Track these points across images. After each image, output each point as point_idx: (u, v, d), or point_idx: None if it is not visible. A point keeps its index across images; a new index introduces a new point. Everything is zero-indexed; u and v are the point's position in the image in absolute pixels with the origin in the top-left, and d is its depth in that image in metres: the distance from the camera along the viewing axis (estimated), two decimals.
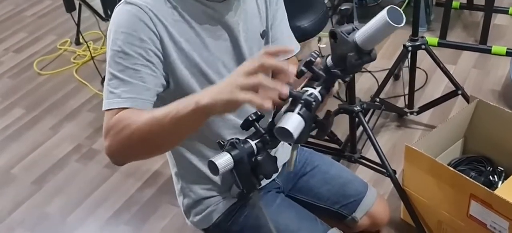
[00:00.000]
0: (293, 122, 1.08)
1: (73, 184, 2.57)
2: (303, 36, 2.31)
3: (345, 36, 1.09)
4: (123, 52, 1.26)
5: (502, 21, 3.36)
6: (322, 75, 1.15)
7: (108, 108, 1.27)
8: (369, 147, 2.22)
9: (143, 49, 1.27)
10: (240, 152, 1.21)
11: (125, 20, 1.28)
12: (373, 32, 1.06)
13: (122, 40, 1.26)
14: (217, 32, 1.40)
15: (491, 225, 1.70)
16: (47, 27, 4.05)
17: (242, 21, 1.44)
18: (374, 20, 1.05)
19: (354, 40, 1.09)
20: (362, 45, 1.08)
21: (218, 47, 1.41)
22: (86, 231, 2.31)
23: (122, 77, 1.27)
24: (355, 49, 1.09)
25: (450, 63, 2.98)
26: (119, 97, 1.26)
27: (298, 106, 1.10)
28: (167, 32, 1.31)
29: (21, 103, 3.21)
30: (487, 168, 2.09)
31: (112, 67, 1.28)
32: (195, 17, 1.35)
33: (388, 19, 1.02)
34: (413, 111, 2.62)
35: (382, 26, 1.04)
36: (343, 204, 1.82)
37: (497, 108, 1.99)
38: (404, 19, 1.05)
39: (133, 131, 1.20)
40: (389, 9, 1.03)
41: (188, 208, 1.67)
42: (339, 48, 1.11)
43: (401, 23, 1.04)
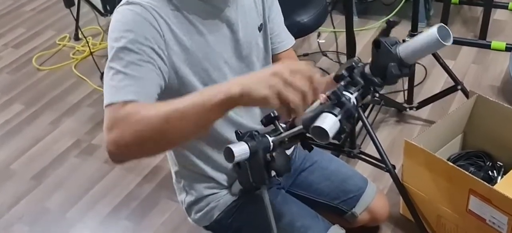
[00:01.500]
0: (332, 124, 1.09)
1: (73, 179, 2.57)
2: (302, 31, 2.31)
3: (389, 47, 1.12)
4: (127, 49, 1.24)
5: (501, 16, 3.35)
6: (360, 81, 1.17)
7: (111, 102, 1.20)
8: (369, 142, 2.22)
9: (147, 47, 1.26)
10: (257, 145, 1.23)
11: (129, 20, 1.27)
12: (420, 47, 1.09)
13: (126, 38, 1.25)
14: (217, 28, 1.40)
15: (490, 220, 1.70)
16: (46, 22, 4.05)
17: (240, 15, 1.44)
18: (422, 36, 1.08)
19: (398, 52, 1.11)
20: (405, 59, 1.11)
21: (219, 43, 1.41)
22: (85, 226, 2.32)
23: (126, 71, 1.24)
24: (397, 61, 1.12)
25: (450, 58, 2.98)
26: (122, 89, 1.22)
27: (337, 109, 1.10)
28: (171, 31, 1.31)
29: (20, 98, 3.21)
30: (486, 163, 2.09)
31: (115, 63, 1.25)
32: (196, 14, 1.35)
33: (438, 37, 1.05)
34: (412, 107, 2.62)
35: (430, 42, 1.07)
36: (342, 200, 1.82)
37: (496, 104, 1.99)
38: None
39: (149, 122, 1.12)
40: (439, 27, 1.06)
41: (190, 206, 1.67)
42: (381, 58, 1.13)
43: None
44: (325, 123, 1.08)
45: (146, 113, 1.13)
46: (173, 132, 1.12)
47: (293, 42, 1.67)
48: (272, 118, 1.28)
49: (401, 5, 3.23)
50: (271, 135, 1.28)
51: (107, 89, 1.24)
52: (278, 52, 1.62)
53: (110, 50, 1.27)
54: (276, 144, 1.26)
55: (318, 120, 1.10)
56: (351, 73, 1.17)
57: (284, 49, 1.63)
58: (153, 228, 2.25)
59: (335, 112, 1.10)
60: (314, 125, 1.09)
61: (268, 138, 1.26)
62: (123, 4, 1.30)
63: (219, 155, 1.56)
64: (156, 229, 2.25)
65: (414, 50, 1.10)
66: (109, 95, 1.22)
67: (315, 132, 1.09)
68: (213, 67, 1.41)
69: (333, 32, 3.22)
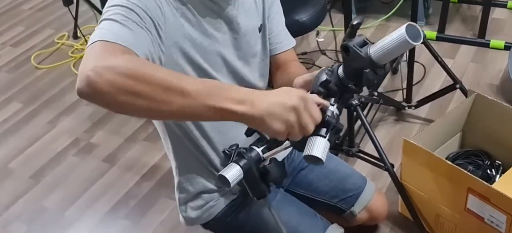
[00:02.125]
0: (323, 148, 1.06)
1: (71, 178, 2.56)
2: (301, 30, 2.31)
3: (358, 51, 1.07)
4: (128, 8, 1.13)
5: (500, 15, 3.36)
6: (336, 90, 1.14)
7: (104, 39, 1.04)
8: (367, 141, 2.22)
9: (146, 16, 1.17)
10: (248, 162, 1.22)
11: None
12: (390, 48, 1.04)
13: (126, 2, 1.14)
14: (218, 26, 1.40)
15: (489, 218, 1.70)
16: (44, 21, 4.04)
17: (240, 14, 1.44)
18: (391, 36, 1.04)
19: (369, 54, 1.07)
20: (377, 60, 1.07)
21: (218, 40, 1.41)
22: (84, 225, 2.31)
23: (124, 24, 1.11)
24: (369, 64, 1.07)
25: (448, 57, 2.98)
26: (121, 37, 1.07)
27: (323, 130, 1.07)
28: (173, 14, 1.28)
29: (19, 97, 3.21)
30: (485, 162, 2.10)
31: (113, 17, 1.11)
32: (197, 8, 1.34)
33: (406, 37, 1.01)
34: (411, 105, 2.62)
35: (400, 42, 1.03)
36: (341, 198, 1.82)
37: (495, 102, 1.99)
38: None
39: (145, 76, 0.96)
40: (408, 26, 1.02)
41: (185, 202, 1.66)
42: (353, 62, 1.09)
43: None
44: (316, 150, 1.05)
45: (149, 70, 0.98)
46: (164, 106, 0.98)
47: (293, 44, 1.65)
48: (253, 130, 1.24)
49: (400, 3, 3.23)
50: (259, 145, 1.27)
51: (97, 32, 1.07)
52: (277, 53, 1.61)
53: (106, 9, 1.15)
54: (265, 152, 1.25)
55: (308, 147, 1.07)
56: (327, 86, 1.14)
57: (283, 50, 1.61)
58: (152, 227, 2.25)
59: (323, 134, 1.07)
60: (306, 154, 1.06)
61: (257, 149, 1.25)
62: None
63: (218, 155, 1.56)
64: (155, 227, 2.25)
65: (385, 51, 1.05)
66: (101, 35, 1.06)
67: (308, 160, 1.07)
68: (205, 59, 1.39)
69: (332, 31, 3.22)
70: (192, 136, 1.50)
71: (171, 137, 1.54)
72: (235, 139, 1.34)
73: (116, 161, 2.62)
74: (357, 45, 1.08)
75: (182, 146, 1.54)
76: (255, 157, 1.24)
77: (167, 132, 1.53)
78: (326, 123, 1.08)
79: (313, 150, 1.05)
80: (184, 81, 0.98)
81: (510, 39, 3.04)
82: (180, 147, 1.55)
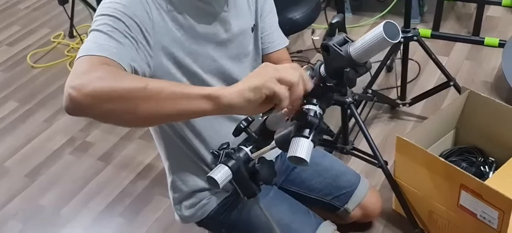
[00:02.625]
0: (307, 149, 1.06)
1: (67, 176, 2.57)
2: (294, 28, 2.31)
3: (338, 49, 1.06)
4: (115, 17, 1.17)
5: (494, 13, 3.36)
6: (319, 91, 1.13)
7: (90, 54, 1.09)
8: (361, 138, 2.23)
9: (134, 23, 1.20)
10: (237, 162, 1.22)
11: None
12: (369, 46, 1.04)
13: (114, 8, 1.18)
14: (210, 27, 1.40)
15: (481, 215, 1.71)
16: (40, 20, 4.05)
17: (233, 15, 1.44)
18: (370, 35, 1.03)
19: (349, 53, 1.06)
20: (357, 59, 1.06)
21: (210, 40, 1.41)
22: (79, 223, 2.32)
23: (111, 35, 1.15)
24: (350, 63, 1.07)
25: (443, 55, 2.99)
26: (106, 49, 1.12)
27: (306, 131, 1.07)
28: (162, 19, 1.29)
29: (15, 96, 3.21)
30: (478, 159, 2.10)
31: (100, 27, 1.16)
32: (190, 11, 1.34)
33: (384, 35, 1.00)
34: (405, 103, 2.62)
35: (378, 41, 1.02)
36: (335, 196, 1.83)
37: (488, 99, 2.00)
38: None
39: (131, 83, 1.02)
40: (385, 24, 1.01)
41: (179, 201, 1.67)
42: (334, 61, 1.08)
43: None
44: (300, 151, 1.05)
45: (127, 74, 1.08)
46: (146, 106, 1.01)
47: (286, 44, 1.65)
48: (242, 129, 1.27)
49: (395, 1, 3.24)
50: (247, 145, 1.27)
51: (85, 45, 1.13)
52: (269, 52, 1.61)
53: (96, 18, 1.19)
54: (254, 151, 1.26)
55: (292, 148, 1.07)
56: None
57: (275, 50, 1.61)
58: (147, 225, 2.26)
59: (306, 134, 1.07)
60: (290, 155, 1.06)
61: (245, 149, 1.26)
62: None
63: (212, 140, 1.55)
64: (150, 225, 2.25)
65: (364, 50, 1.04)
66: (87, 49, 1.11)
67: (293, 161, 1.07)
68: (196, 63, 1.40)
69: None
70: (184, 135, 1.50)
71: (163, 137, 1.55)
72: (227, 137, 1.35)
73: (112, 160, 2.62)
74: (337, 44, 1.07)
75: (174, 146, 1.55)
76: (243, 157, 1.25)
77: (160, 131, 1.54)
78: (309, 123, 1.08)
79: (297, 151, 1.05)
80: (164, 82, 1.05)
81: (504, 36, 3.04)
82: (173, 146, 1.56)
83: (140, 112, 1.01)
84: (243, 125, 1.28)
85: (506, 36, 3.03)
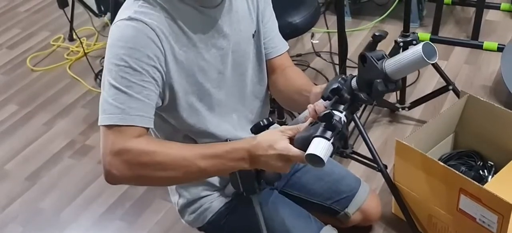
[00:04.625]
0: (326, 150, 1.09)
1: (67, 179, 2.57)
2: (294, 32, 2.31)
3: (375, 62, 1.09)
4: (131, 67, 1.24)
5: (493, 17, 3.37)
6: (347, 98, 1.16)
7: (117, 123, 1.23)
8: (361, 142, 2.24)
9: (149, 66, 1.26)
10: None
11: (131, 36, 1.25)
12: (406, 64, 1.06)
13: (128, 56, 1.24)
14: (212, 39, 1.40)
15: (480, 219, 1.72)
16: (40, 23, 4.04)
17: (235, 23, 1.44)
18: (408, 53, 1.06)
19: (384, 68, 1.09)
20: (391, 75, 1.09)
21: (214, 53, 1.41)
22: (79, 226, 2.32)
23: (130, 93, 1.24)
24: (383, 77, 1.09)
25: (442, 59, 3.00)
26: (128, 114, 1.24)
27: (329, 133, 1.10)
28: (170, 47, 1.31)
29: (15, 99, 3.21)
30: (477, 163, 2.11)
31: (118, 81, 1.24)
32: (192, 26, 1.35)
33: (423, 55, 1.03)
34: (404, 107, 2.63)
35: (416, 60, 1.05)
36: (335, 200, 1.83)
37: (487, 103, 2.01)
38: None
39: (157, 164, 1.22)
40: (424, 44, 1.04)
41: (183, 208, 1.68)
42: (367, 73, 1.11)
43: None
44: (319, 151, 1.08)
45: (158, 154, 1.23)
46: (179, 178, 1.30)
47: (287, 48, 1.66)
48: (261, 127, 1.30)
49: (394, 5, 3.25)
50: None
51: (106, 106, 1.24)
52: (272, 57, 1.61)
53: (111, 65, 1.25)
54: None
55: (312, 146, 1.10)
56: (338, 93, 1.16)
57: (277, 55, 1.61)
58: (147, 228, 2.26)
59: (328, 136, 1.10)
60: (308, 152, 1.09)
61: None
62: (123, 19, 1.28)
63: None
64: (150, 229, 2.26)
65: (400, 67, 1.08)
66: (111, 115, 1.23)
67: (309, 159, 1.10)
68: (207, 79, 1.42)
69: (327, 33, 3.23)
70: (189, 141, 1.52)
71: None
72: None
73: None
74: (375, 58, 1.10)
75: None
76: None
77: (163, 136, 1.55)
78: (333, 126, 1.10)
79: (316, 150, 1.09)
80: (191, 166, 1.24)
81: (503, 40, 3.06)
82: None
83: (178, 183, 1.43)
84: (263, 124, 1.31)
85: (505, 40, 3.05)
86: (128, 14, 1.27)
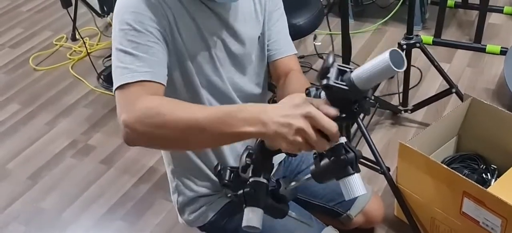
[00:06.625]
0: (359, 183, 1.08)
1: (68, 179, 2.57)
2: (298, 34, 2.32)
3: (342, 85, 1.03)
4: (135, 29, 1.25)
5: (496, 20, 3.37)
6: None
7: (124, 82, 1.22)
8: (364, 144, 2.23)
9: (154, 28, 1.27)
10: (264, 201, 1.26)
11: (135, 2, 1.27)
12: (373, 74, 1.00)
13: (133, 20, 1.25)
14: (218, 33, 1.40)
15: (484, 222, 1.72)
16: (43, 22, 4.05)
17: (240, 23, 1.44)
18: (374, 62, 1.00)
19: (352, 82, 1.02)
20: (360, 87, 1.03)
21: (218, 47, 1.41)
22: (81, 226, 2.32)
23: (137, 53, 1.24)
24: (356, 94, 1.04)
25: (445, 62, 3.00)
26: (136, 71, 1.23)
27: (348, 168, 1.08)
28: (174, 20, 1.31)
29: (17, 98, 3.21)
30: (481, 166, 2.11)
31: (124, 45, 1.25)
32: (199, 15, 1.36)
33: (390, 63, 0.97)
34: (407, 109, 2.63)
35: (383, 69, 0.99)
36: (338, 202, 1.83)
37: (490, 106, 2.01)
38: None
39: (166, 123, 1.13)
40: (391, 52, 0.98)
41: (183, 206, 1.67)
42: (339, 97, 1.05)
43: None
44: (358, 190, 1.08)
45: (166, 117, 1.14)
46: (189, 142, 1.17)
47: (294, 51, 1.62)
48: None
49: (397, 8, 3.25)
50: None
51: (117, 71, 1.24)
52: (276, 58, 1.58)
53: (117, 32, 1.27)
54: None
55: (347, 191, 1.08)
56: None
57: (282, 56, 1.58)
58: (149, 229, 2.26)
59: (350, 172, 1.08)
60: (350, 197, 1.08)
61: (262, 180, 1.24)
62: None
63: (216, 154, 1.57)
64: (152, 229, 2.26)
65: (368, 78, 1.01)
66: (121, 76, 1.22)
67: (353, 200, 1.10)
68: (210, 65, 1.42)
69: (330, 35, 3.23)
70: None
71: None
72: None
73: (114, 163, 2.62)
74: (336, 79, 1.04)
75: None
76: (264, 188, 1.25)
77: None
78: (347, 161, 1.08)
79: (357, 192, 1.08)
80: (200, 116, 1.12)
81: (506, 44, 3.05)
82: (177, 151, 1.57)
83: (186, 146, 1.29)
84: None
85: (507, 43, 3.04)
86: None
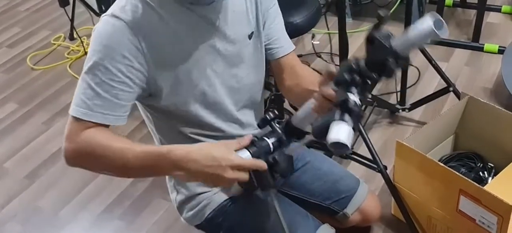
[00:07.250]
0: (347, 134, 1.09)
1: (66, 178, 2.57)
2: (295, 32, 2.31)
3: (383, 41, 1.10)
4: (103, 66, 1.27)
5: (494, 19, 3.37)
6: (359, 80, 1.15)
7: (78, 117, 1.29)
8: (361, 143, 2.23)
9: (123, 65, 1.29)
10: (258, 150, 1.24)
11: (109, 34, 1.29)
12: (415, 38, 1.07)
13: (103, 53, 1.27)
14: (205, 36, 1.40)
15: (480, 220, 1.72)
16: (40, 22, 4.05)
17: (229, 22, 1.43)
18: (417, 28, 1.06)
19: (393, 46, 1.09)
20: (400, 51, 1.09)
21: (206, 51, 1.41)
22: (78, 225, 2.32)
23: (98, 90, 1.28)
24: (392, 55, 1.10)
25: (443, 60, 2.99)
26: (91, 109, 1.29)
27: (347, 117, 1.11)
28: (152, 46, 1.31)
29: (14, 97, 3.21)
30: (477, 164, 2.11)
31: (89, 77, 1.29)
32: (182, 24, 1.35)
33: (433, 27, 1.02)
34: (405, 108, 2.63)
35: (426, 33, 1.04)
36: (334, 200, 1.82)
37: (487, 105, 2.01)
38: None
39: (98, 161, 1.28)
40: (433, 17, 1.03)
41: (181, 204, 1.67)
42: (376, 54, 1.12)
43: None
44: (343, 137, 1.08)
45: (101, 148, 1.27)
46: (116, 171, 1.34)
47: (293, 47, 1.64)
48: (268, 121, 1.30)
49: (395, 7, 3.25)
50: (269, 137, 1.29)
51: (77, 97, 1.31)
52: (279, 56, 1.60)
53: (88, 60, 1.30)
54: (276, 145, 1.27)
55: (332, 133, 1.09)
56: (351, 75, 1.16)
57: (285, 54, 1.60)
58: (146, 227, 2.26)
59: (346, 120, 1.10)
60: (332, 141, 1.09)
61: (268, 140, 1.27)
62: (108, 14, 1.31)
63: None
64: (149, 228, 2.26)
65: (409, 42, 1.08)
66: (77, 107, 1.30)
67: (334, 146, 1.10)
68: (200, 77, 1.42)
69: (327, 34, 3.23)
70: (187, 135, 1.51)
71: (163, 139, 1.55)
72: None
73: None
74: (381, 37, 1.10)
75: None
76: (265, 147, 1.26)
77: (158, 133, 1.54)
78: (350, 110, 1.11)
79: (336, 135, 1.09)
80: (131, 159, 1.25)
81: (504, 43, 3.05)
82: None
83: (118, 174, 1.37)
84: (269, 117, 1.31)
85: (505, 42, 3.04)
86: (112, 10, 1.31)
